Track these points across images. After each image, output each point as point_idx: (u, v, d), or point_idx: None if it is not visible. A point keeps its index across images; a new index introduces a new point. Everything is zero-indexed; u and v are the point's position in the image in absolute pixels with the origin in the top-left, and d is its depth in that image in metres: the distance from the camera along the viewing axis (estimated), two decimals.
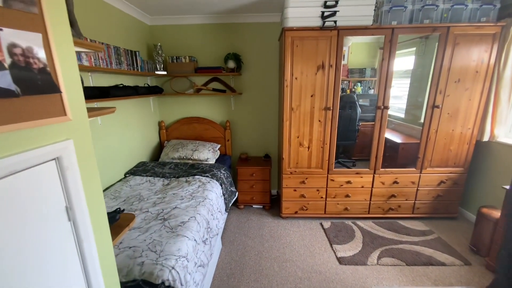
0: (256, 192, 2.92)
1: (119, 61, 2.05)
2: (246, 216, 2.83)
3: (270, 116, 3.13)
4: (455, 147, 2.46)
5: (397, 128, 3.10)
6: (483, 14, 2.14)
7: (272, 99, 3.06)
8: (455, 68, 2.25)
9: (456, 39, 2.18)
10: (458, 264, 2.01)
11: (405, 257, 2.09)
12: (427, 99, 2.37)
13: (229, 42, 2.89)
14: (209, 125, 3.08)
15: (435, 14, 2.16)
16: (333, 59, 2.25)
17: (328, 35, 2.19)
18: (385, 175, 2.55)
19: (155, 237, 1.40)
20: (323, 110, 2.38)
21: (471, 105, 2.34)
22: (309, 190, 2.62)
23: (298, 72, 2.29)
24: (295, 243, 2.33)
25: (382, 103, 2.35)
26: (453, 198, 2.59)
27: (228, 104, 3.09)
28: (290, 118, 2.42)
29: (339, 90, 2.33)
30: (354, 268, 2.00)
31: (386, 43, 2.21)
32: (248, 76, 2.98)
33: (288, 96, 2.35)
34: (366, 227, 2.54)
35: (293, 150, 2.51)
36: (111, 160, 2.23)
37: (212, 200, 2.02)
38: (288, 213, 2.71)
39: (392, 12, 2.16)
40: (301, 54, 2.25)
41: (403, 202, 2.63)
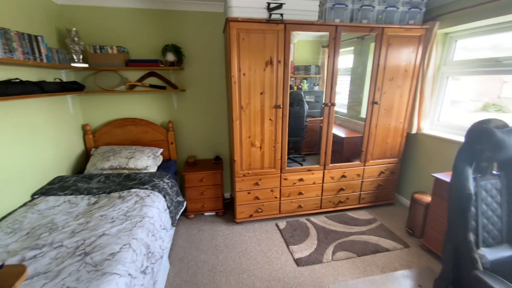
0: (208, 199, 2.68)
1: (9, 48, 1.53)
2: (197, 226, 2.58)
3: (219, 115, 2.90)
4: (391, 140, 2.68)
5: (342, 123, 3.24)
6: (411, 17, 2.33)
7: (220, 97, 2.84)
8: (389, 67, 2.41)
9: (389, 39, 2.33)
10: (399, 248, 2.19)
11: (356, 248, 2.18)
12: (368, 96, 2.50)
13: (167, 32, 2.53)
14: (148, 127, 2.68)
15: (371, 15, 2.26)
16: (281, 54, 2.15)
17: (275, 29, 2.08)
18: (334, 170, 2.62)
19: (70, 283, 1.06)
20: (273, 108, 2.28)
21: (402, 101, 2.57)
22: (263, 192, 2.52)
23: (246, 67, 2.13)
24: (252, 250, 2.20)
25: (329, 100, 2.38)
26: (390, 186, 2.84)
27: (170, 103, 2.74)
28: (240, 117, 2.25)
29: (288, 88, 2.26)
30: (311, 268, 1.98)
31: (330, 40, 2.23)
32: (192, 71, 2.68)
33: (237, 93, 2.17)
34: (319, 222, 2.58)
35: (245, 151, 2.35)
36: (8, 180, 1.69)
37: (154, 217, 1.71)
38: (243, 218, 2.57)
39: (335, 9, 2.17)
40: (248, 48, 2.09)
41: (351, 194, 2.77)
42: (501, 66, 2.05)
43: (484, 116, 1.72)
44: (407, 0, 2.27)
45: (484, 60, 2.18)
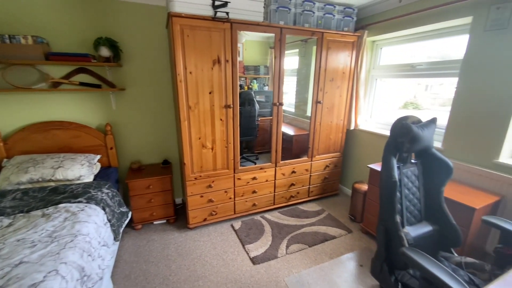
0: (157, 206, 2.49)
1: None
2: (146, 236, 2.37)
3: (166, 116, 2.71)
4: (333, 136, 2.92)
5: (290, 122, 3.40)
6: (345, 25, 2.58)
7: (167, 96, 2.66)
8: (329, 68, 2.62)
9: (329, 43, 2.53)
10: (344, 234, 2.41)
11: (307, 239, 2.31)
12: (312, 96, 2.67)
13: (100, 23, 2.24)
14: (80, 130, 2.34)
15: (312, 20, 2.41)
16: (229, 53, 2.13)
17: (221, 27, 2.04)
18: (284, 166, 2.73)
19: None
20: (223, 108, 2.24)
21: (342, 100, 2.83)
22: (217, 193, 2.46)
23: (192, 65, 2.03)
24: (207, 254, 2.13)
25: (277, 99, 2.46)
26: (335, 178, 3.11)
27: (107, 103, 2.44)
28: (188, 117, 2.14)
29: (237, 87, 2.25)
30: (267, 264, 2.02)
31: (276, 42, 2.30)
32: (133, 68, 2.44)
33: (184, 92, 2.06)
34: (273, 218, 2.65)
35: (196, 153, 2.26)
36: None
37: (90, 234, 1.50)
38: (196, 222, 2.46)
39: (279, 12, 2.25)
40: (194, 46, 2.00)
41: (301, 188, 2.92)
42: (415, 70, 2.43)
43: (405, 113, 2.03)
44: (341, 9, 2.50)
45: (402, 65, 2.55)
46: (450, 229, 1.33)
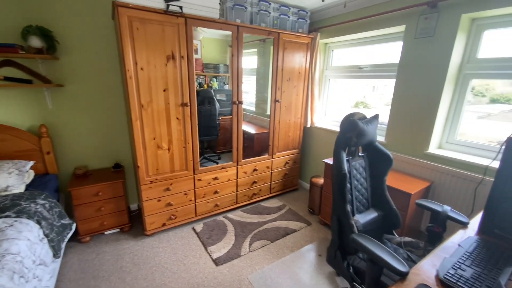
0: (108, 215, 2.27)
1: None
2: (96, 249, 2.14)
3: (116, 116, 2.48)
4: (292, 133, 3.03)
5: (251, 120, 3.43)
6: (299, 26, 2.69)
7: (117, 94, 2.43)
8: (286, 68, 2.71)
9: (285, 44, 2.61)
10: (304, 227, 2.52)
11: (269, 235, 2.36)
12: (270, 95, 2.73)
13: (30, 10, 1.94)
14: (7, 133, 2.00)
15: (268, 20, 2.46)
16: (184, 49, 2.04)
17: (175, 22, 1.94)
18: (246, 165, 2.74)
19: None
20: (180, 106, 2.15)
21: (298, 99, 2.95)
22: (176, 196, 2.35)
23: (143, 61, 1.90)
24: (166, 261, 2.02)
25: (237, 98, 2.46)
26: (294, 174, 3.24)
27: (41, 101, 2.13)
28: (141, 116, 1.99)
29: (194, 84, 2.17)
30: (231, 264, 2.01)
31: (233, 40, 2.28)
32: (73, 61, 2.17)
33: (135, 90, 1.91)
34: (236, 217, 2.64)
35: (151, 155, 2.12)
36: None
37: (21, 252, 1.29)
38: (154, 228, 2.32)
39: (236, 10, 2.24)
40: (145, 40, 1.87)
41: (263, 186, 2.97)
42: (361, 72, 2.66)
43: (355, 111, 2.21)
44: (296, 11, 2.60)
45: (351, 67, 2.77)
46: (391, 213, 1.49)
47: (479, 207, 1.57)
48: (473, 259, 0.97)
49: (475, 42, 1.84)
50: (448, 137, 2.06)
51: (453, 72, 1.89)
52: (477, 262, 0.96)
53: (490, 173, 1.60)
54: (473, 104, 1.96)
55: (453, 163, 1.88)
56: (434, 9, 1.85)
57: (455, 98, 1.97)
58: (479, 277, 0.88)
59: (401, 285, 0.88)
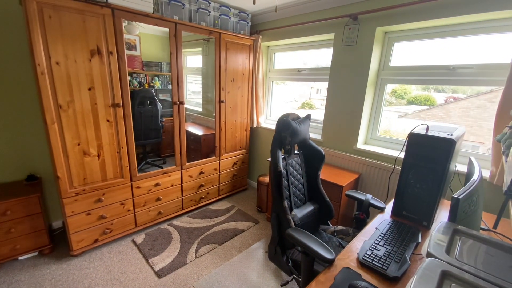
0: (21, 237, 1.89)
1: None
2: (7, 279, 1.76)
3: (29, 119, 2.09)
4: (239, 134, 3.05)
5: (198, 122, 3.32)
6: (241, 28, 2.72)
7: (29, 94, 2.05)
8: (229, 69, 2.71)
9: (227, 44, 2.60)
10: (252, 226, 2.56)
11: (217, 238, 2.31)
12: (215, 95, 2.69)
13: None
14: None
15: (209, 19, 2.42)
16: (113, 44, 1.84)
17: (99, 12, 1.74)
18: (191, 168, 2.63)
19: None
20: (110, 107, 1.93)
21: (243, 100, 2.98)
22: (110, 208, 2.11)
23: (60, 55, 1.64)
24: (98, 282, 1.79)
25: (177, 98, 2.34)
26: (243, 174, 3.26)
27: None
28: (59, 119, 1.72)
29: (127, 83, 1.98)
30: (175, 274, 1.89)
31: (171, 37, 2.17)
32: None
33: (49, 88, 1.64)
34: (182, 224, 2.52)
35: (75, 163, 1.85)
36: None
37: None
38: (83, 247, 2.03)
39: (172, 5, 2.13)
40: (61, 31, 1.62)
41: (211, 188, 2.90)
42: (300, 75, 2.83)
43: (303, 112, 2.35)
44: (237, 13, 2.62)
45: (291, 70, 2.93)
46: (325, 205, 1.62)
47: (393, 193, 1.83)
48: (386, 239, 1.12)
49: (388, 52, 2.15)
50: (372, 133, 2.35)
51: (372, 77, 2.17)
52: (389, 241, 1.10)
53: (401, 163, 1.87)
54: (395, 105, 2.29)
55: (375, 156, 2.16)
56: (356, 21, 2.09)
57: (375, 100, 2.26)
58: (389, 254, 1.01)
59: (329, 271, 0.95)
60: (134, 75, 3.07)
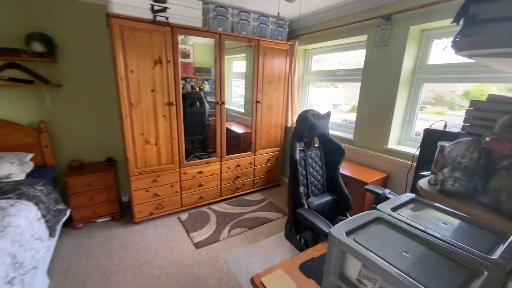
0: (100, 204, 2.49)
1: None
2: (88, 234, 2.36)
3: (110, 114, 2.72)
4: (273, 132, 3.27)
5: (239, 121, 3.67)
6: (279, 34, 2.95)
7: (110, 94, 2.67)
8: (266, 72, 2.96)
9: (265, 50, 2.87)
10: (281, 217, 2.74)
11: (248, 224, 2.58)
12: (252, 96, 2.98)
13: (33, 17, 2.19)
14: (9, 128, 2.23)
15: (249, 28, 2.72)
16: (170, 55, 2.29)
17: (162, 30, 2.20)
18: (229, 160, 2.97)
19: None
20: (166, 105, 2.39)
21: (279, 101, 3.20)
22: (162, 188, 2.57)
23: (133, 65, 2.14)
24: (151, 244, 2.23)
25: (219, 99, 2.70)
26: (276, 170, 3.46)
27: (41, 100, 2.37)
28: (130, 114, 2.23)
29: (180, 86, 2.41)
30: (209, 247, 2.22)
31: (216, 46, 2.54)
32: (70, 64, 2.42)
33: (125, 90, 2.16)
34: (219, 209, 2.86)
35: (139, 149, 2.35)
36: None
37: (21, 227, 1.51)
38: (142, 217, 2.53)
39: (218, 19, 2.50)
40: (135, 46, 2.12)
41: (246, 181, 3.20)
42: (336, 76, 2.91)
43: (352, 116, 2.44)
44: (274, 21, 2.87)
45: (327, 71, 3.03)
46: (344, 197, 1.72)
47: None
48: None
49: (425, 50, 2.10)
50: (406, 134, 2.30)
51: (406, 77, 2.15)
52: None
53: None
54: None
55: (405, 156, 2.12)
56: (388, 21, 2.11)
57: (410, 100, 2.22)
58: None
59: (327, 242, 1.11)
60: (188, 80, 3.58)
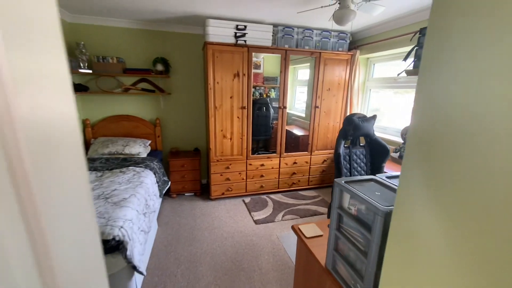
0: (187, 181, 3.32)
1: None
2: (179, 202, 3.20)
3: (198, 114, 3.57)
4: (330, 135, 3.53)
5: (300, 125, 4.06)
6: (340, 46, 3.23)
7: (198, 99, 3.52)
8: (326, 80, 3.28)
9: (325, 61, 3.20)
10: None
11: (299, 213, 2.94)
12: (311, 101, 3.34)
13: (157, 47, 3.19)
14: (139, 122, 3.29)
15: (311, 43, 3.12)
16: (245, 69, 2.92)
17: (241, 51, 2.84)
18: (287, 157, 3.40)
19: (102, 210, 1.68)
20: (240, 109, 3.02)
21: (337, 106, 3.45)
22: (232, 174, 3.22)
23: (219, 78, 2.86)
24: (222, 215, 2.88)
25: (282, 104, 3.18)
26: (332, 171, 3.69)
27: (157, 103, 3.37)
28: (214, 115, 2.95)
29: (251, 93, 3.02)
30: (266, 225, 2.70)
31: (282, 60, 3.04)
32: (177, 78, 3.36)
33: (212, 97, 2.89)
34: (276, 198, 3.32)
35: (218, 142, 3.05)
36: None
37: (148, 184, 2.34)
38: (216, 195, 3.24)
39: (285, 38, 3.00)
40: (221, 64, 2.82)
41: (301, 177, 3.56)
42: (397, 83, 2.98)
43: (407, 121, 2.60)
44: (336, 34, 3.17)
45: (388, 78, 3.12)
46: None
47: None
48: None
49: None
50: None
51: None
52: None
53: None
54: None
55: None
56: None
57: None
58: None
59: None
60: (257, 87, 4.21)
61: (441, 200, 0.50)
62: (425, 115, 0.55)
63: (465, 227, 0.46)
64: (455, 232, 0.48)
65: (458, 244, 0.47)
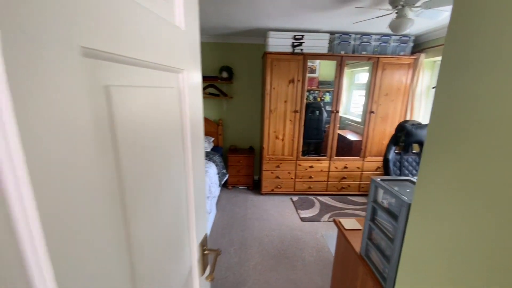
0: (242, 176, 3.70)
1: None
2: (234, 194, 3.61)
3: (254, 116, 3.94)
4: (386, 141, 3.41)
5: (355, 130, 4.03)
6: (401, 50, 3.12)
7: (255, 103, 3.88)
8: (384, 85, 3.21)
9: (384, 66, 3.14)
10: None
11: (346, 217, 2.97)
12: (366, 106, 3.31)
13: (223, 57, 3.68)
14: (205, 122, 3.83)
15: (369, 48, 3.11)
16: (300, 75, 3.12)
17: (297, 59, 3.06)
18: (338, 161, 3.45)
19: None
20: (293, 112, 3.24)
21: (396, 111, 3.32)
22: (282, 173, 3.45)
23: (275, 84, 3.14)
24: (271, 209, 3.14)
25: (335, 108, 3.26)
26: None
27: (221, 106, 3.87)
28: (269, 117, 3.25)
29: (304, 98, 3.20)
30: (311, 223, 2.85)
31: (337, 66, 3.13)
32: (238, 84, 3.79)
33: (268, 101, 3.19)
34: (324, 200, 3.41)
35: (271, 142, 3.34)
36: None
37: (210, 174, 2.78)
38: (266, 191, 3.52)
39: (341, 44, 3.08)
40: (278, 71, 3.10)
41: (352, 183, 3.54)
42: None
43: None
44: (397, 38, 3.07)
45: None
46: None
47: None
48: None
49: None
50: None
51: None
52: None
53: None
54: None
55: None
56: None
57: None
58: None
59: None
60: (311, 91, 4.34)
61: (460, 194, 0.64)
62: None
63: (472, 214, 0.59)
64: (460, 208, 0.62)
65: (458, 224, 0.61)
